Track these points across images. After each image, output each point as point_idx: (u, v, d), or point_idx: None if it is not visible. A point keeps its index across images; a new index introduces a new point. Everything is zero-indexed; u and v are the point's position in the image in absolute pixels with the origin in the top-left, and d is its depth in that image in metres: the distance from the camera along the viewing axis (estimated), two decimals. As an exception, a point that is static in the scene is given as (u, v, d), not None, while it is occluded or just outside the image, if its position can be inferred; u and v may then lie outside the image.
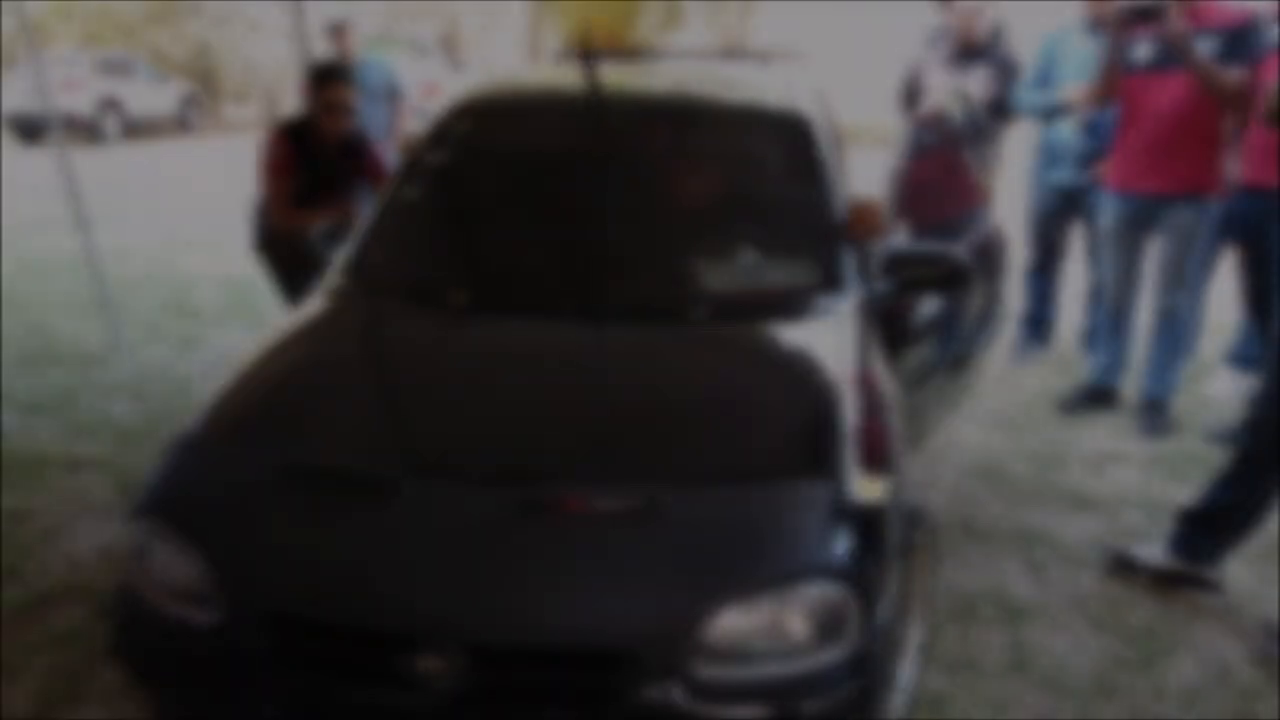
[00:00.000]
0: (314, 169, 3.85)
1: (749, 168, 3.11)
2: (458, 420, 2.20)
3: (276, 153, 3.82)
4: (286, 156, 3.82)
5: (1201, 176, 4.00)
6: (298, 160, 3.83)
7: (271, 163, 3.83)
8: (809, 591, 1.79)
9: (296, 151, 3.84)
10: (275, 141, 3.85)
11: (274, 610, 1.85)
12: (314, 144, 3.85)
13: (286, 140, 3.84)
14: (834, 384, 2.23)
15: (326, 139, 3.85)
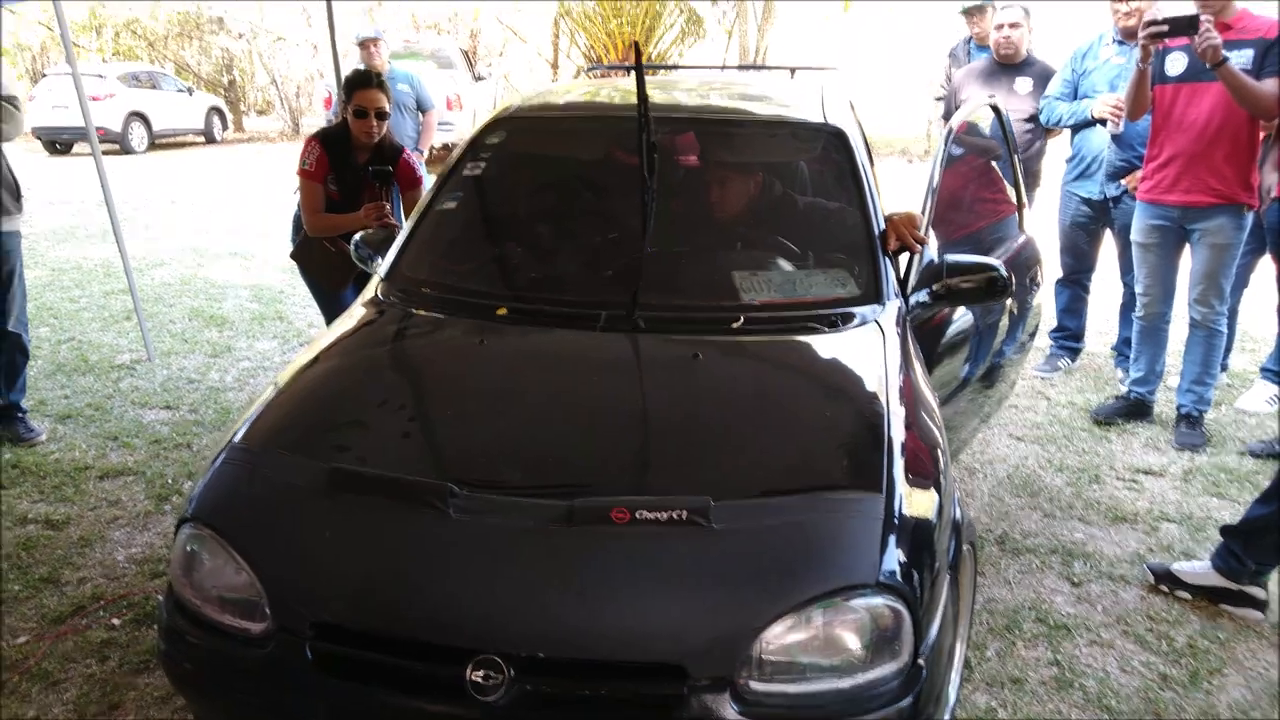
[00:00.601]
0: (346, 176, 3.88)
1: (788, 180, 3.11)
2: (502, 431, 2.20)
3: (310, 159, 3.86)
4: (319, 162, 3.86)
5: (1234, 188, 3.96)
6: (330, 167, 3.87)
7: (304, 169, 3.87)
8: (861, 606, 1.77)
9: (330, 158, 3.87)
10: (309, 148, 3.89)
11: (322, 620, 1.84)
12: (347, 151, 3.88)
13: (320, 147, 3.88)
14: (878, 396, 2.22)
15: (359, 146, 3.88)
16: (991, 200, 3.89)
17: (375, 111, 3.80)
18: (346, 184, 3.87)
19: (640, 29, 17.02)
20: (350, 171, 3.87)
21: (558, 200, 3.10)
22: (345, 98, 3.88)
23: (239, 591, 1.92)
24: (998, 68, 5.18)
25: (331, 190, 3.88)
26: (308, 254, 4.07)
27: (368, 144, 3.85)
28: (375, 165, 3.83)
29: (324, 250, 3.93)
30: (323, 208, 3.88)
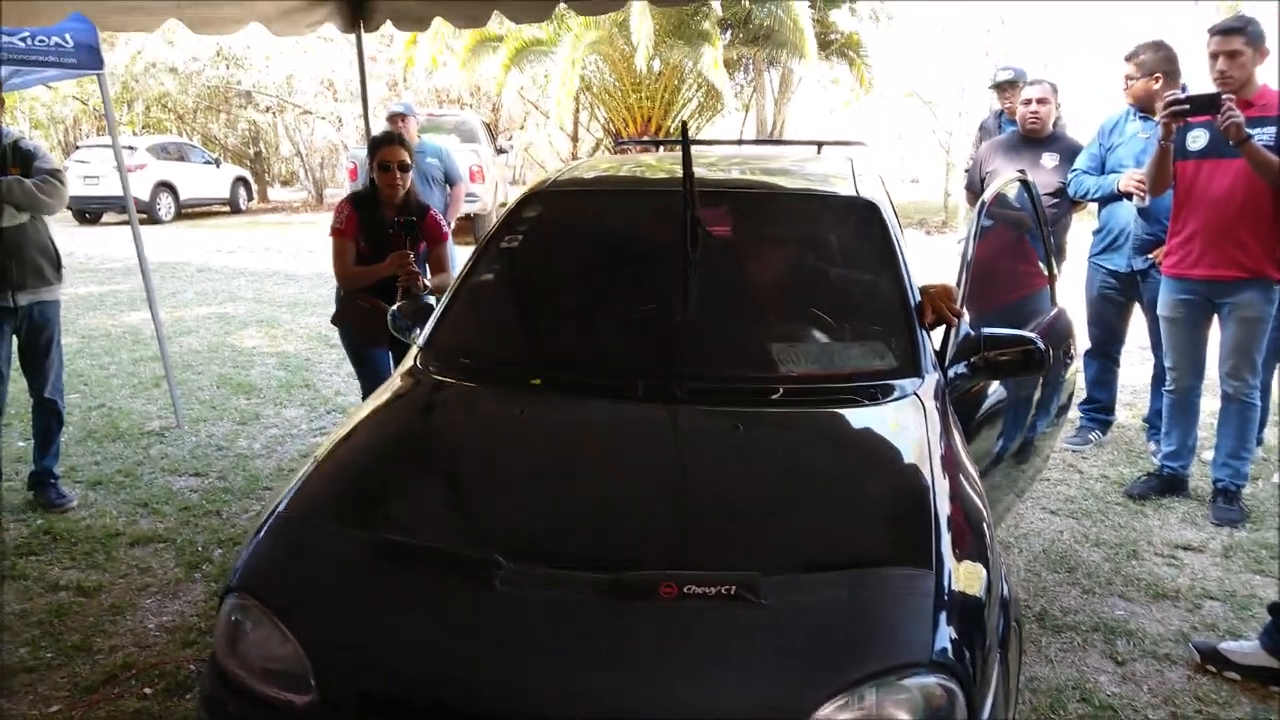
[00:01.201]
0: (375, 233, 4.03)
1: (823, 252, 3.14)
2: (545, 502, 2.20)
3: (340, 218, 4.04)
4: (348, 220, 4.03)
5: (1260, 262, 3.95)
6: (360, 225, 4.03)
7: (335, 228, 4.04)
8: (914, 685, 1.74)
9: (359, 217, 4.04)
10: (340, 209, 4.08)
11: (367, 692, 1.82)
12: (375, 210, 4.05)
13: (350, 206, 4.07)
14: (921, 470, 2.21)
15: (386, 204, 4.04)
16: (1024, 272, 3.91)
17: (398, 165, 3.99)
18: (375, 240, 4.02)
19: (659, 103, 17.34)
20: (379, 228, 4.02)
21: (594, 272, 3.13)
22: (370, 157, 4.08)
23: (284, 663, 1.90)
24: (1024, 142, 5.24)
25: (362, 246, 4.04)
26: (346, 313, 4.20)
27: (393, 198, 4.02)
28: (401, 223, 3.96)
29: (358, 309, 4.04)
30: (352, 262, 4.04)
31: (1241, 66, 3.84)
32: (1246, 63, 3.84)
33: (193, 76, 24.18)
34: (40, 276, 4.20)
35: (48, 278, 4.24)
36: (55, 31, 5.25)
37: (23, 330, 4.23)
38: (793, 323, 2.89)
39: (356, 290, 4.04)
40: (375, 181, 4.03)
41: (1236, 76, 3.84)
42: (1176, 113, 3.81)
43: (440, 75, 20.88)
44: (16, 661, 3.08)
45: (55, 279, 4.30)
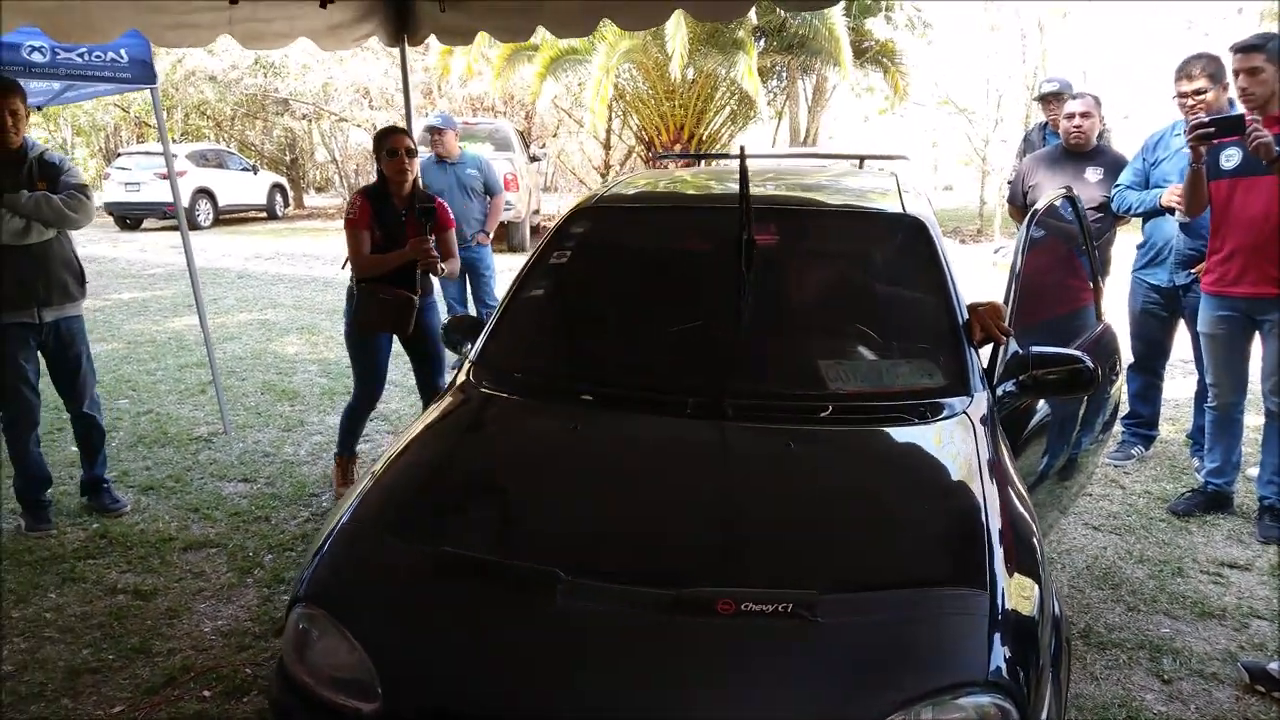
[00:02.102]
0: (388, 221, 4.24)
1: (870, 269, 3.17)
2: (602, 517, 2.25)
3: (354, 209, 4.24)
4: (361, 210, 4.22)
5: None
6: (373, 216, 4.23)
7: (349, 218, 4.23)
8: (969, 704, 1.77)
9: (372, 207, 4.23)
10: (353, 201, 4.28)
11: (432, 701, 1.88)
12: (386, 200, 4.26)
13: (362, 198, 4.28)
14: (974, 489, 2.24)
15: (395, 192, 4.24)
16: (1071, 287, 3.91)
17: (405, 150, 4.20)
18: (388, 229, 4.22)
19: (692, 111, 17.37)
20: (391, 216, 4.23)
21: (642, 288, 3.18)
22: (378, 147, 4.27)
23: (350, 671, 1.96)
24: (1067, 156, 5.23)
25: (376, 235, 4.22)
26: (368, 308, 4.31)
27: (403, 185, 4.23)
28: (411, 213, 4.20)
29: (379, 301, 4.24)
30: (368, 250, 4.21)
31: (1263, 83, 3.83)
32: (1269, 79, 3.82)
33: (231, 85, 24.49)
34: (66, 293, 4.19)
35: (73, 294, 4.24)
36: (111, 47, 5.37)
37: (50, 347, 4.22)
38: (842, 340, 2.93)
39: (374, 282, 4.23)
40: (384, 173, 4.24)
41: (1259, 94, 3.84)
42: (1202, 136, 3.81)
43: (475, 83, 21.02)
44: (80, 663, 3.16)
45: (79, 295, 4.30)
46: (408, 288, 4.26)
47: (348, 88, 24.23)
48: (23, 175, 3.99)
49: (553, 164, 25.90)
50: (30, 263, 4.01)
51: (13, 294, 4.01)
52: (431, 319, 4.51)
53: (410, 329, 4.33)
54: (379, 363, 4.50)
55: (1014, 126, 17.97)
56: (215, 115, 27.08)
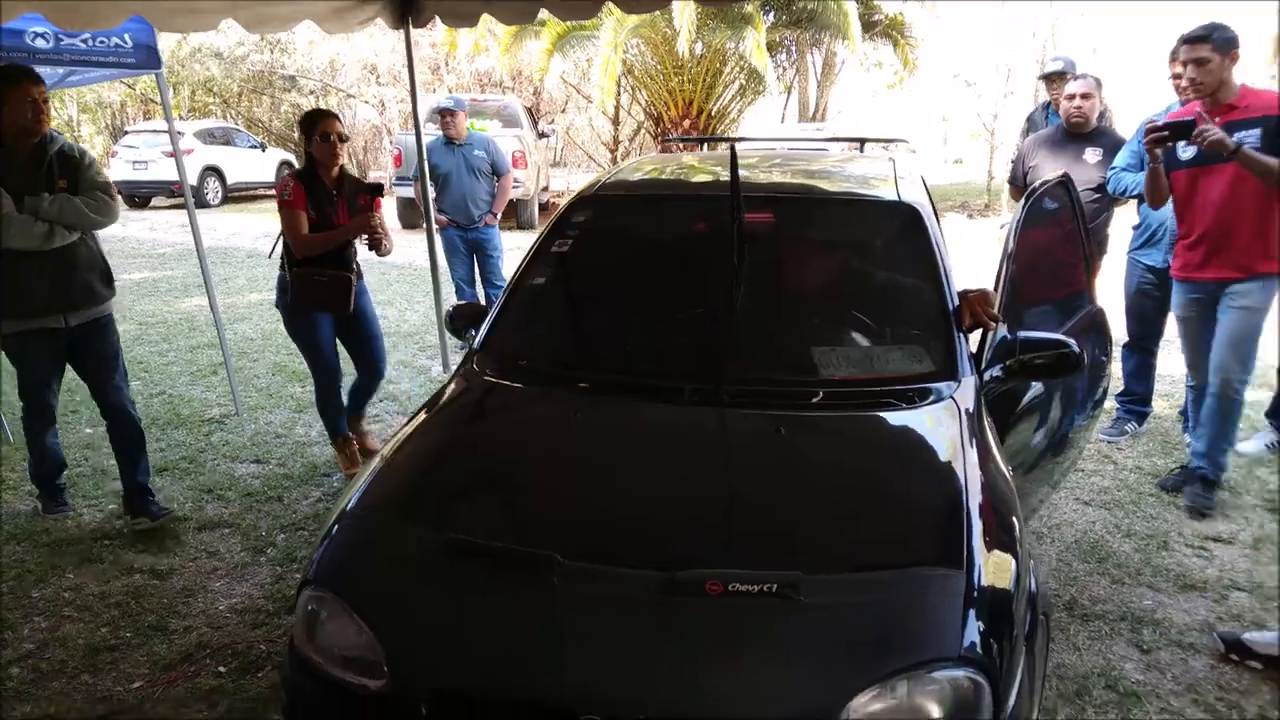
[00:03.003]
0: (321, 201, 4.39)
1: (864, 256, 3.25)
2: (600, 502, 2.35)
3: (287, 191, 4.35)
4: (297, 192, 4.35)
5: (1258, 260, 4.02)
6: (308, 196, 4.36)
7: (285, 199, 4.34)
8: (943, 678, 1.87)
9: (305, 189, 4.37)
10: (285, 182, 4.39)
11: (437, 680, 1.98)
12: (316, 180, 4.40)
13: (294, 180, 4.39)
14: (956, 472, 2.32)
15: (327, 178, 4.40)
16: (1064, 270, 3.98)
17: (337, 135, 4.36)
18: (321, 209, 4.37)
19: (700, 87, 17.36)
20: (323, 196, 4.38)
21: (641, 277, 3.26)
22: (308, 131, 4.40)
23: (358, 650, 2.06)
24: (1067, 136, 5.27)
25: (312, 216, 4.35)
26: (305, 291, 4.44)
27: (331, 167, 4.39)
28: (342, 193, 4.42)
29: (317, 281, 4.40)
30: (306, 230, 4.34)
31: (1210, 73, 3.88)
32: (1215, 69, 3.88)
33: (237, 61, 24.54)
34: (92, 294, 4.03)
35: (100, 295, 4.08)
36: (115, 33, 5.44)
37: (79, 350, 4.09)
38: (834, 327, 3.01)
39: (308, 265, 4.36)
40: (313, 155, 4.39)
41: (1207, 83, 3.90)
42: (1157, 140, 3.88)
43: (482, 60, 20.99)
44: (99, 640, 3.29)
45: (107, 294, 4.13)
46: (342, 269, 4.44)
47: (355, 64, 24.25)
48: (42, 173, 3.82)
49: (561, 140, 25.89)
50: (53, 267, 3.86)
51: (36, 300, 3.87)
52: (365, 302, 4.70)
53: (350, 306, 4.50)
54: (324, 340, 4.60)
55: (1024, 100, 17.92)
56: (222, 92, 27.13)
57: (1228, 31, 3.90)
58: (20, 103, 3.72)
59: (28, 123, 3.76)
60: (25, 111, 3.74)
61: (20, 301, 3.85)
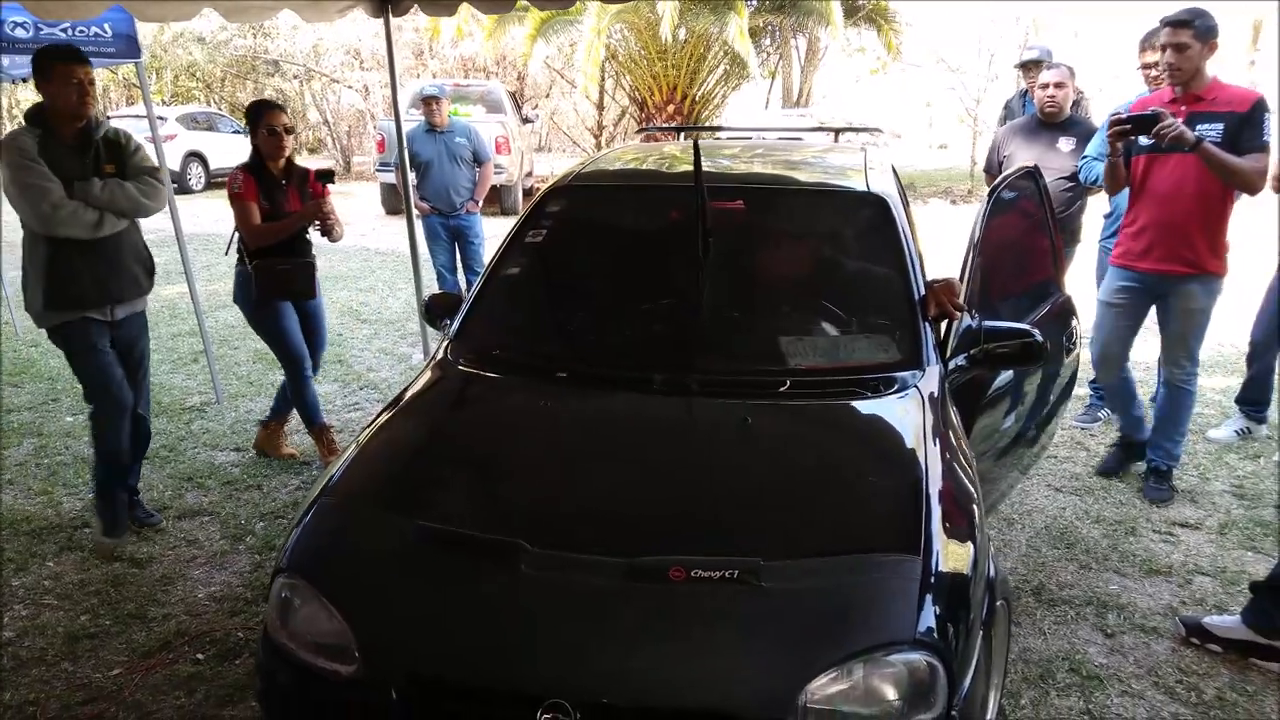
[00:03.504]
0: (272, 194, 4.43)
1: (832, 247, 3.29)
2: (567, 491, 2.39)
3: (240, 184, 4.37)
4: (248, 184, 4.37)
5: (1205, 258, 4.03)
6: (258, 188, 4.40)
7: (236, 192, 4.36)
8: (899, 661, 1.93)
9: (256, 180, 4.40)
10: (235, 175, 4.40)
11: (407, 665, 2.02)
12: (264, 171, 4.43)
13: (243, 173, 4.40)
14: (917, 460, 2.37)
15: (275, 169, 4.44)
16: (1030, 260, 4.03)
17: (284, 128, 4.39)
18: (271, 199, 4.42)
19: (685, 71, 17.34)
20: (273, 186, 4.42)
21: (613, 268, 3.30)
22: (254, 122, 4.41)
23: (330, 637, 2.10)
24: (1041, 126, 5.31)
25: (264, 206, 4.39)
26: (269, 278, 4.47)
27: (278, 159, 4.42)
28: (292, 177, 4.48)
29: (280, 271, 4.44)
30: (259, 221, 4.37)
31: (1189, 59, 3.86)
32: (1194, 56, 3.86)
33: (220, 46, 24.36)
34: (137, 286, 3.91)
35: (142, 287, 3.95)
36: (95, 22, 5.43)
37: (117, 344, 3.91)
38: (801, 317, 3.05)
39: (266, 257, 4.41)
40: (260, 147, 4.40)
41: (1184, 69, 3.88)
42: (1120, 133, 3.89)
43: (466, 44, 20.91)
44: (79, 628, 3.32)
45: (148, 287, 4.01)
46: (301, 255, 4.51)
47: (338, 48, 24.11)
48: (89, 159, 3.67)
49: (546, 125, 25.82)
50: (102, 256, 3.72)
51: (83, 290, 3.71)
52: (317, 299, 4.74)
53: (315, 292, 4.57)
54: (291, 328, 4.60)
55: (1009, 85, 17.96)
56: (205, 77, 26.94)
57: (1210, 19, 3.88)
58: (65, 84, 3.56)
59: (73, 105, 3.59)
60: (71, 94, 3.58)
61: (66, 292, 3.69)
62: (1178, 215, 4.01)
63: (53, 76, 3.56)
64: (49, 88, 3.58)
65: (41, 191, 3.52)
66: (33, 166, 3.52)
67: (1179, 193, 3.98)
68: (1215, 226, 4.02)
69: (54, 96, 3.59)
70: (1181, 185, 3.97)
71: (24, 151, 3.53)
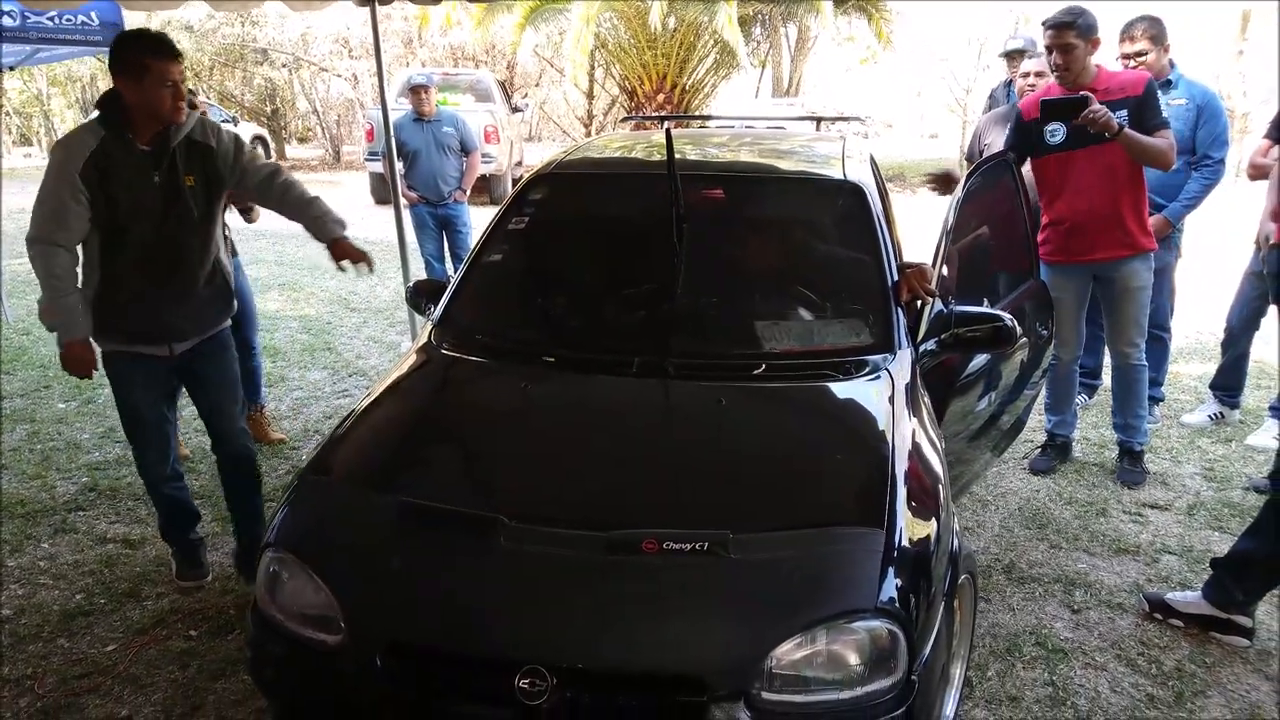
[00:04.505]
0: None
1: (808, 234, 3.37)
2: (545, 469, 2.48)
3: None
4: None
5: (1136, 238, 4.14)
6: None
7: None
8: (861, 628, 2.02)
9: None
10: None
11: (390, 635, 2.11)
12: None
13: None
14: (886, 439, 2.46)
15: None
16: (1005, 246, 4.11)
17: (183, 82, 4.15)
18: None
19: (674, 60, 17.38)
20: None
21: (593, 254, 3.38)
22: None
23: (317, 608, 2.19)
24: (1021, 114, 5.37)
25: None
26: None
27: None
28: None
29: None
30: None
31: (1075, 59, 3.95)
32: (1080, 54, 3.95)
33: (208, 34, 24.29)
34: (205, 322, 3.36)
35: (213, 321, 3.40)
36: (81, 11, 5.49)
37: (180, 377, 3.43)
38: (776, 302, 3.14)
39: None
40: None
41: (1072, 69, 3.97)
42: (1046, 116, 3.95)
43: (455, 33, 20.90)
44: (74, 607, 3.40)
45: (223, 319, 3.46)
46: None
47: (327, 37, 24.08)
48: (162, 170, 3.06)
49: (536, 114, 25.83)
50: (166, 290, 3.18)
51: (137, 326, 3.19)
52: (241, 280, 4.57)
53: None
54: None
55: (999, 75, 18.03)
56: (193, 66, 26.83)
57: (1090, 17, 3.98)
58: (159, 86, 2.97)
59: (167, 112, 3.01)
60: (165, 98, 2.99)
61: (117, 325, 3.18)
62: (1109, 204, 4.08)
63: (146, 76, 2.95)
64: (139, 88, 2.96)
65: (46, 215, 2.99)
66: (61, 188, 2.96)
67: (1107, 182, 4.05)
68: (1141, 206, 4.15)
69: (145, 99, 2.98)
70: (1107, 174, 4.04)
71: (67, 163, 2.97)
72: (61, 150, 3.02)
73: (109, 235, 3.07)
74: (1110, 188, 4.07)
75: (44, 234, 2.98)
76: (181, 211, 3.13)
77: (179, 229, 3.14)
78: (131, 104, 3.00)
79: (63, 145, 3.04)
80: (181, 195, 3.11)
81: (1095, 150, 3.99)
